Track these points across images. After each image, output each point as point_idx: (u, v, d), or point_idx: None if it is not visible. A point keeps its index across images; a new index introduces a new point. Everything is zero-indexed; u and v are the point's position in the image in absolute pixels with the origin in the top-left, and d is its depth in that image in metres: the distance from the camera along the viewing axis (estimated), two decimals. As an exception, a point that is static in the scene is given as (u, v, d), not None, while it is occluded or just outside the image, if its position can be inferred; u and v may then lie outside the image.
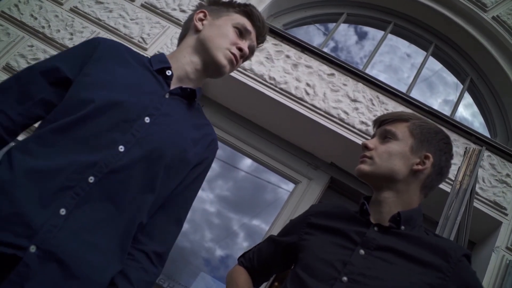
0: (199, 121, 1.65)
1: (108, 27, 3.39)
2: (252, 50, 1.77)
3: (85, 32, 3.35)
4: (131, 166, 1.37)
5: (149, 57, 1.65)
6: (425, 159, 1.65)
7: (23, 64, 3.16)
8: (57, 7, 3.46)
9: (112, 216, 1.34)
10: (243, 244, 3.73)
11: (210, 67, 1.65)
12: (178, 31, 3.43)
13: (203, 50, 1.65)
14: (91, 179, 1.30)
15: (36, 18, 3.38)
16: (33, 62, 3.13)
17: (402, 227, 1.58)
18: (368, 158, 1.69)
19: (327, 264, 1.53)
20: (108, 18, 3.43)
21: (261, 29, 1.78)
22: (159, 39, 3.39)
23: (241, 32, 1.71)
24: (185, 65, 1.63)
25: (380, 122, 1.78)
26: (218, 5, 1.78)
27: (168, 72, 1.58)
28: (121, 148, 1.36)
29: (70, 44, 3.26)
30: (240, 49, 1.68)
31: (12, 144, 1.40)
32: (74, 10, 3.45)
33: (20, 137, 1.54)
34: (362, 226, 1.62)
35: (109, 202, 1.33)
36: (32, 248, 1.18)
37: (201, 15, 1.73)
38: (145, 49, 3.31)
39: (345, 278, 1.47)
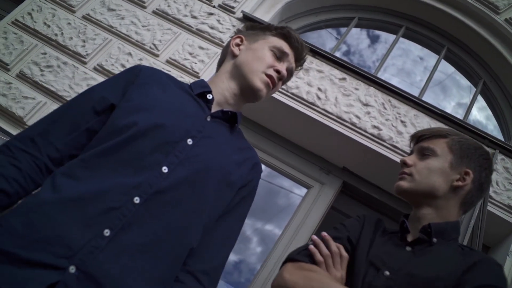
0: (241, 144, 1.65)
1: (120, 34, 3.42)
2: (290, 72, 1.76)
3: (98, 39, 3.37)
4: (176, 187, 1.36)
5: (189, 83, 1.66)
6: (465, 175, 1.66)
7: (36, 72, 3.19)
8: (69, 15, 3.49)
9: (159, 239, 1.31)
10: (256, 250, 3.72)
11: (247, 91, 1.65)
12: (189, 37, 3.45)
13: (239, 75, 1.65)
14: (136, 200, 1.29)
15: (49, 26, 3.42)
16: (46, 70, 3.17)
17: (434, 240, 1.58)
18: (407, 175, 1.68)
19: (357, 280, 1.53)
20: (120, 25, 3.46)
21: (299, 50, 1.77)
22: (171, 45, 3.41)
23: (278, 55, 1.70)
24: (224, 90, 1.64)
25: (417, 138, 1.79)
26: (255, 29, 1.78)
27: (209, 96, 1.58)
28: (165, 169, 1.36)
29: (83, 52, 3.30)
30: (277, 71, 1.67)
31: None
32: (87, 18, 3.48)
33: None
34: (396, 246, 1.62)
35: (156, 225, 1.31)
36: (72, 269, 1.17)
37: (237, 40, 1.74)
38: (157, 56, 3.33)
39: None
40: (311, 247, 1.60)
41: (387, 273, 1.50)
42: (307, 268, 1.54)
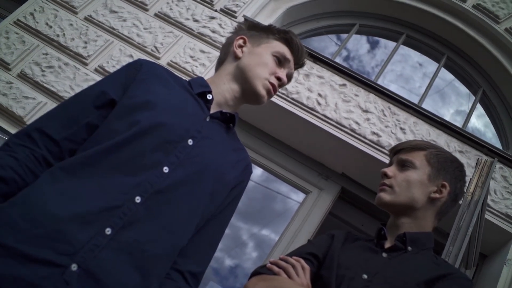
0: (235, 145, 1.66)
1: (122, 36, 3.43)
2: (290, 78, 1.78)
3: (99, 41, 3.38)
4: (176, 187, 1.37)
5: (188, 80, 1.66)
6: (442, 187, 1.73)
7: (38, 72, 3.20)
8: (71, 16, 3.50)
9: (157, 239, 1.33)
10: (252, 254, 3.72)
11: (249, 95, 1.67)
12: (191, 40, 3.46)
13: (242, 78, 1.66)
14: (137, 199, 1.30)
15: (51, 27, 3.43)
16: (47, 70, 3.18)
17: (409, 248, 1.64)
18: (388, 187, 1.75)
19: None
20: (122, 27, 3.47)
21: (299, 56, 1.79)
22: (172, 48, 3.41)
23: (280, 61, 1.71)
24: (224, 91, 1.65)
25: (397, 150, 1.85)
26: (257, 30, 1.78)
27: (209, 96, 1.59)
28: (166, 169, 1.37)
29: (84, 53, 3.30)
30: (278, 79, 1.69)
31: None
32: (89, 19, 3.49)
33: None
34: (372, 252, 1.68)
35: (153, 224, 1.32)
36: (74, 267, 1.17)
37: (240, 41, 1.74)
38: (158, 58, 3.34)
39: None
40: (269, 264, 1.64)
41: (365, 276, 1.55)
42: (270, 278, 1.58)
